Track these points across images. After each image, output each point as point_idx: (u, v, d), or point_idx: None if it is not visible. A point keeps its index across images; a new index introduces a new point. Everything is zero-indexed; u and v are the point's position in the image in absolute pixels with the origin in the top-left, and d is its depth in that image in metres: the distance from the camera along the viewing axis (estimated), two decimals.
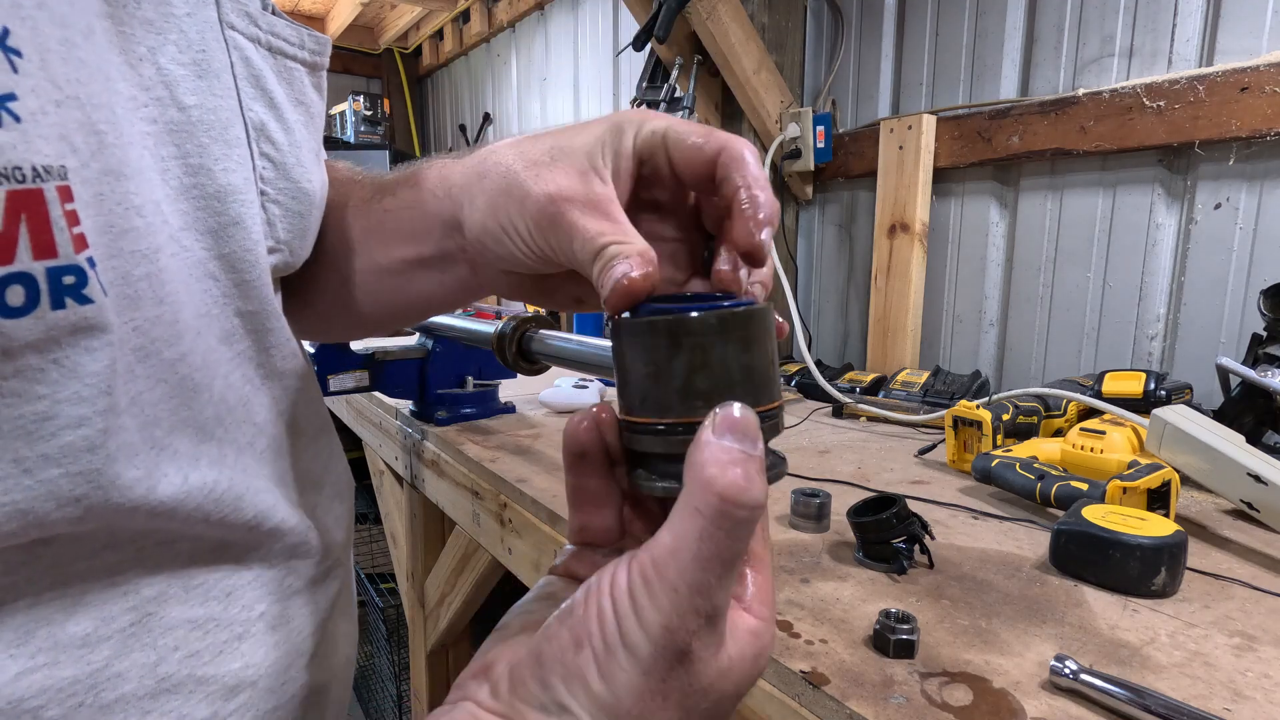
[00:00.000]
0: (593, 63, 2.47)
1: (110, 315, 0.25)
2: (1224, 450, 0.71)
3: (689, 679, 0.24)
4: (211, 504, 0.30)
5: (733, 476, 0.23)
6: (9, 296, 0.22)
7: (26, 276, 0.22)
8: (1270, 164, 0.99)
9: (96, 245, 0.25)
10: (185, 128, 0.30)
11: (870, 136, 1.42)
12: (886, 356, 1.42)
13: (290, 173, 0.36)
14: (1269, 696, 0.45)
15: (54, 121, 0.23)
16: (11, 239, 0.22)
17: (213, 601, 0.32)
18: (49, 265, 0.23)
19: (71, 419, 0.24)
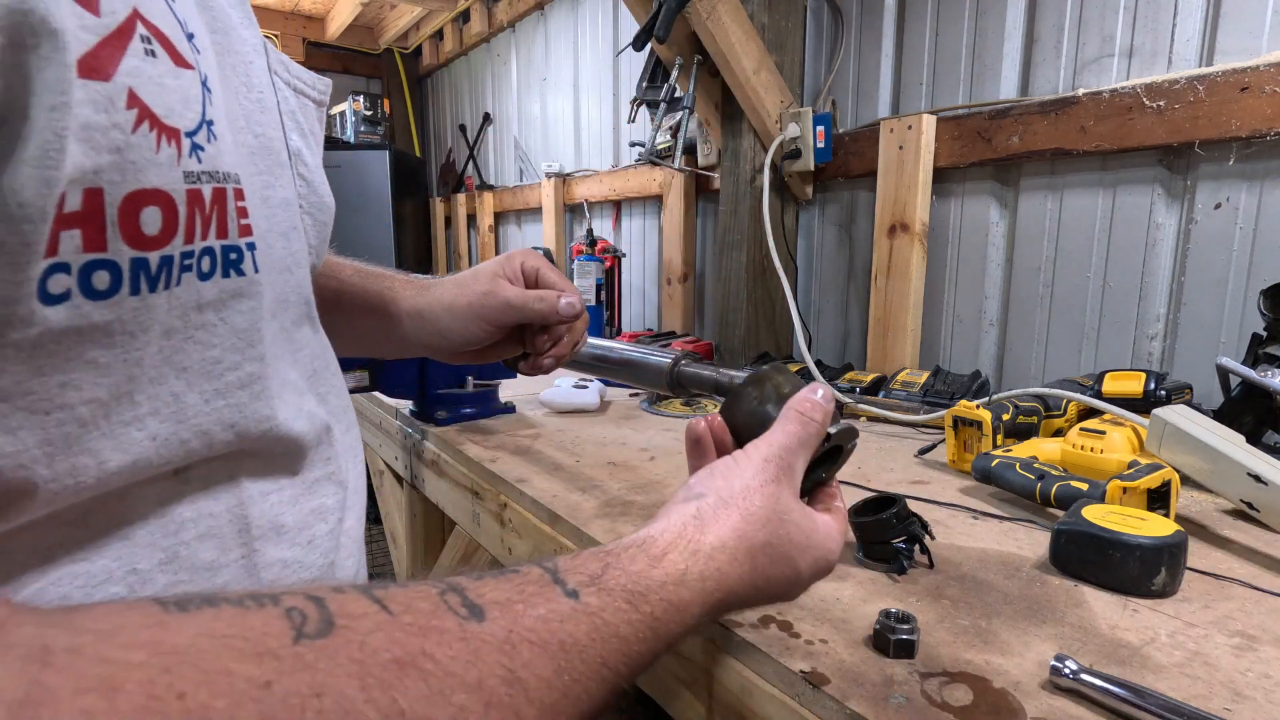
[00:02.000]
0: (593, 63, 2.47)
1: (260, 286, 0.33)
2: (1224, 450, 0.71)
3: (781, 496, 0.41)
4: (314, 433, 0.39)
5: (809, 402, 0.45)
6: (202, 264, 0.30)
7: (212, 250, 0.30)
8: (1270, 164, 0.99)
9: (257, 232, 0.33)
10: (260, 152, 0.37)
11: (870, 136, 1.42)
12: (886, 356, 1.42)
13: (317, 189, 0.44)
14: (1269, 696, 0.45)
15: (231, 141, 0.31)
16: (208, 222, 0.29)
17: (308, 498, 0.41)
18: (223, 244, 0.31)
19: (231, 363, 0.32)
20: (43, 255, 0.24)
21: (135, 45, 0.26)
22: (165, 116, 0.27)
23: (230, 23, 0.36)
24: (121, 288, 0.26)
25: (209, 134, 0.29)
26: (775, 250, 1.45)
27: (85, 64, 0.24)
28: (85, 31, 0.24)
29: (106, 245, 0.26)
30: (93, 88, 0.24)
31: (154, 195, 0.27)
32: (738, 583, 0.38)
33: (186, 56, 0.29)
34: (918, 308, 1.40)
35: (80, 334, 0.26)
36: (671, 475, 0.89)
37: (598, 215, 2.51)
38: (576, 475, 0.89)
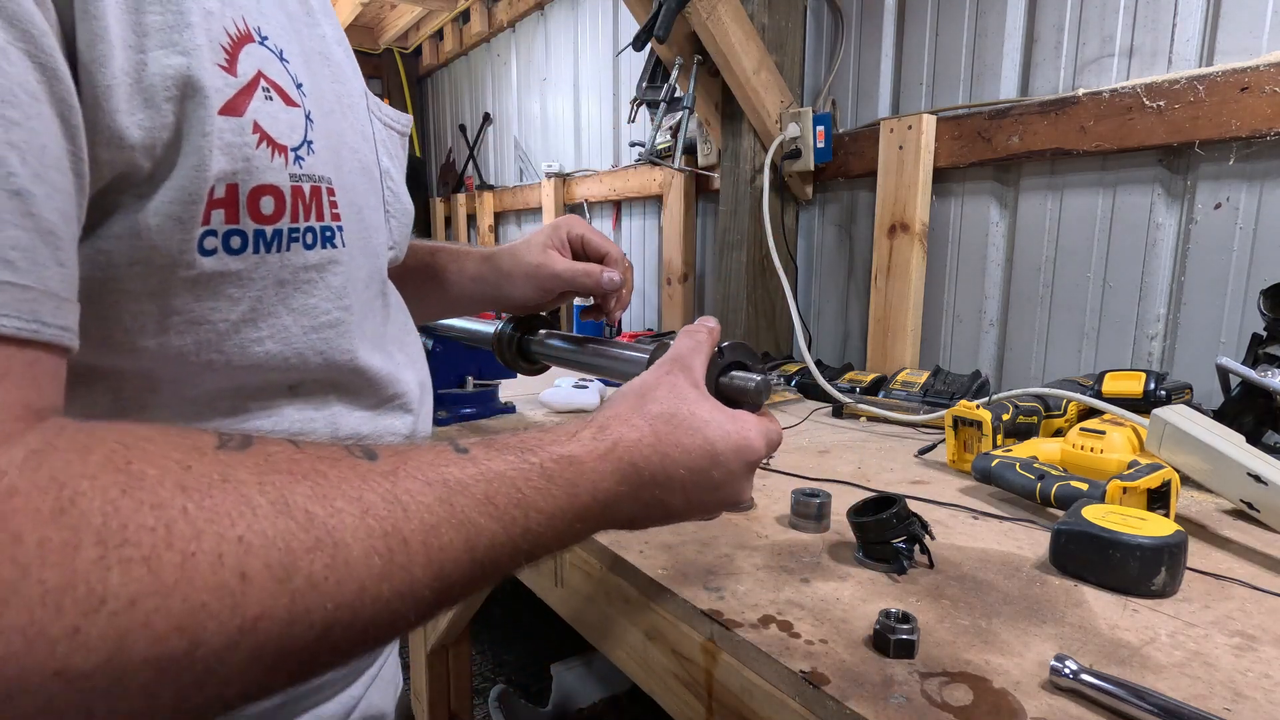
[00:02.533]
0: (593, 63, 2.47)
1: (348, 258, 0.45)
2: (1224, 450, 0.71)
3: (678, 381, 0.48)
4: (386, 371, 0.50)
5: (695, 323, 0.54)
6: (306, 237, 0.42)
7: (313, 229, 0.42)
8: (1270, 164, 0.99)
9: (344, 220, 0.45)
10: (359, 170, 0.49)
11: (870, 136, 1.42)
12: (886, 356, 1.42)
13: (400, 198, 0.58)
14: (1269, 696, 0.45)
15: (328, 157, 0.44)
16: (308, 208, 0.42)
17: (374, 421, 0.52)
18: (320, 225, 0.43)
19: (325, 310, 0.44)
20: (200, 223, 0.37)
21: (259, 93, 0.39)
22: (278, 137, 0.39)
23: (346, 74, 0.50)
24: (247, 248, 0.39)
25: (309, 149, 0.42)
26: (775, 250, 1.45)
27: (226, 108, 0.37)
28: (228, 87, 0.37)
29: (239, 220, 0.38)
30: (231, 121, 0.37)
31: (270, 189, 0.39)
32: (638, 444, 0.44)
33: (294, 99, 0.41)
34: (918, 308, 1.40)
35: (222, 276, 0.39)
36: None
37: (598, 215, 2.51)
38: None
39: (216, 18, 0.36)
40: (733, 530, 0.72)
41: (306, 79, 0.43)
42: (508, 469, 0.37)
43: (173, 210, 0.35)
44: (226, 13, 0.37)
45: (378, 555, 0.31)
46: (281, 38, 0.41)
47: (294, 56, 0.42)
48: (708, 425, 0.46)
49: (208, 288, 0.38)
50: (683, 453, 0.45)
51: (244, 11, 0.39)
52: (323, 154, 0.43)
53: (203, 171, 0.36)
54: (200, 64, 0.35)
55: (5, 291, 0.26)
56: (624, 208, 2.39)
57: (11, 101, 0.26)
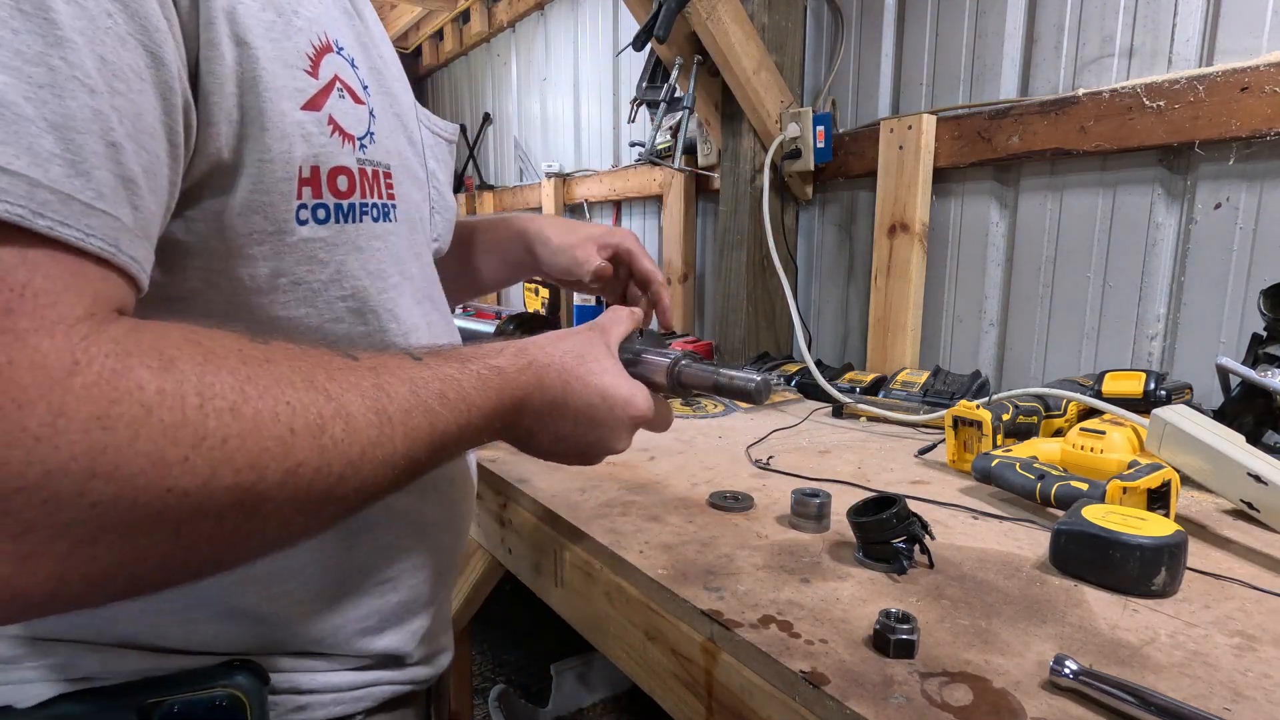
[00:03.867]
0: (593, 63, 2.47)
1: (401, 228, 0.53)
2: (1224, 450, 0.71)
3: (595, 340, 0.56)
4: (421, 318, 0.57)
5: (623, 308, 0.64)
6: (373, 212, 0.50)
7: (379, 205, 0.50)
8: (1270, 164, 0.99)
9: (398, 199, 0.52)
10: (410, 169, 0.57)
11: (870, 136, 1.42)
12: (886, 356, 1.42)
13: (444, 196, 0.67)
14: (1269, 696, 0.45)
15: (385, 149, 0.51)
16: (374, 187, 0.50)
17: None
18: (382, 202, 0.50)
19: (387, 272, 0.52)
20: (295, 197, 0.44)
21: (335, 91, 0.46)
22: (348, 129, 0.47)
23: (398, 89, 0.57)
24: (330, 219, 0.47)
25: (371, 139, 0.49)
26: (775, 250, 1.45)
27: (308, 104, 0.44)
28: (310, 88, 0.45)
29: (323, 195, 0.46)
30: (313, 115, 0.45)
31: (343, 170, 0.47)
32: (547, 367, 0.52)
33: (361, 98, 0.49)
34: (918, 308, 1.40)
35: (313, 241, 0.46)
36: (671, 475, 0.89)
37: (598, 215, 2.51)
38: (576, 475, 0.89)
39: (305, 33, 0.45)
40: (733, 530, 0.72)
41: (371, 83, 0.51)
42: (455, 372, 0.46)
43: (270, 186, 0.43)
44: (314, 29, 0.46)
45: (374, 427, 0.38)
46: (353, 49, 0.50)
47: (361, 65, 0.50)
48: (606, 373, 0.54)
49: (303, 251, 0.46)
50: (581, 386, 0.53)
51: (326, 27, 0.47)
52: (382, 144, 0.51)
53: (290, 156, 0.43)
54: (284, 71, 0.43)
55: (96, 216, 0.32)
56: (624, 208, 2.39)
57: (122, 77, 0.34)
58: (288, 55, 0.43)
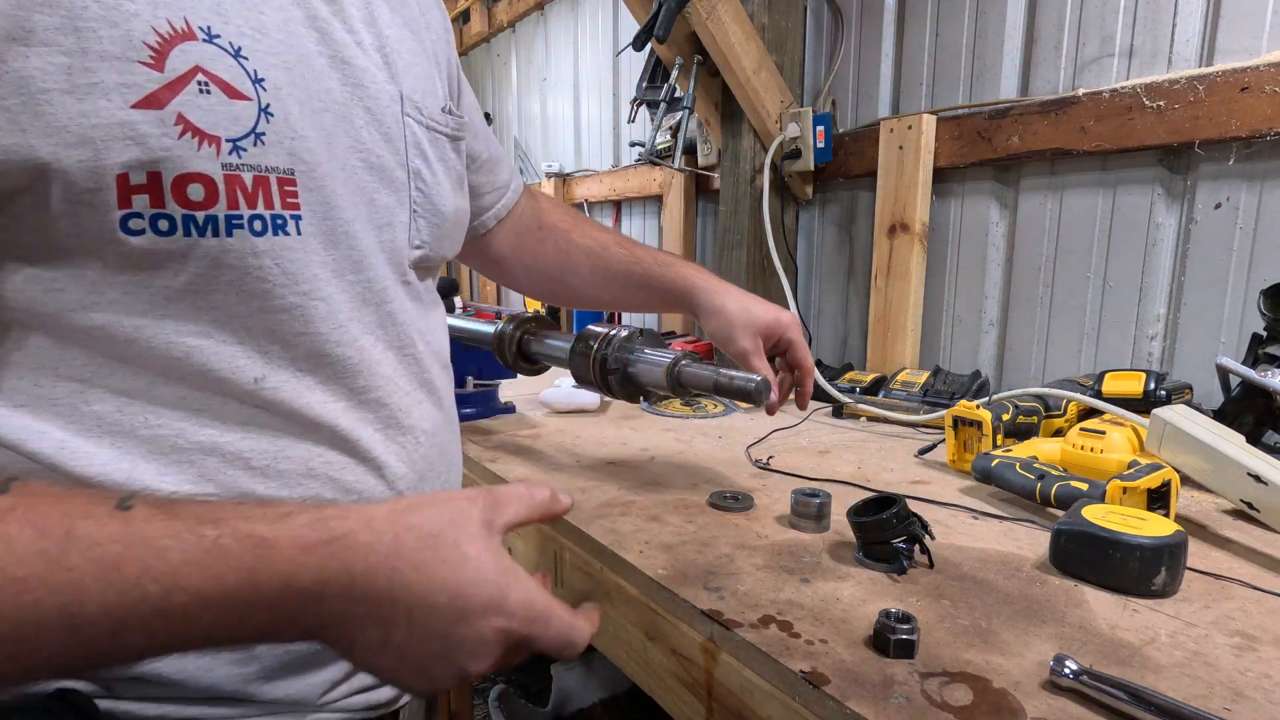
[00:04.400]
0: (593, 63, 2.47)
1: (310, 245, 0.48)
2: (1224, 450, 0.71)
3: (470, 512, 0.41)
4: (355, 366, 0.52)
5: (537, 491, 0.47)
6: (254, 225, 0.44)
7: (263, 216, 0.45)
8: (1270, 164, 0.99)
9: (307, 208, 0.47)
10: (378, 168, 0.54)
11: (870, 136, 1.42)
12: (886, 356, 1.42)
13: (432, 200, 0.59)
14: (1269, 696, 0.45)
15: (285, 148, 0.45)
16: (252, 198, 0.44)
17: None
18: (271, 214, 0.45)
19: (279, 294, 0.46)
20: (116, 207, 0.40)
21: (191, 87, 0.41)
22: (209, 129, 0.42)
23: (368, 78, 0.52)
24: (177, 230, 0.42)
25: (258, 140, 0.44)
26: (775, 250, 1.45)
27: (144, 101, 0.40)
28: (149, 83, 0.40)
29: (165, 204, 0.41)
30: (149, 114, 0.40)
31: (197, 177, 0.42)
32: (368, 548, 0.36)
33: (245, 93, 0.43)
34: (918, 308, 1.40)
35: (155, 254, 0.42)
36: (671, 475, 0.89)
37: (598, 215, 2.51)
38: (576, 475, 0.89)
39: (144, 18, 0.40)
40: (733, 530, 0.72)
41: (281, 76, 0.46)
42: (163, 535, 0.32)
43: (72, 195, 0.39)
44: (159, 13, 0.40)
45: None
46: (246, 35, 0.44)
47: (264, 54, 0.45)
48: (465, 563, 0.38)
49: (144, 262, 0.42)
50: (420, 579, 0.37)
51: (188, 12, 0.42)
52: (281, 145, 0.45)
53: (97, 161, 0.39)
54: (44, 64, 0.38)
55: None
56: (624, 208, 2.39)
57: None
58: (106, 45, 0.38)
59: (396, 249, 0.56)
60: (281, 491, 0.48)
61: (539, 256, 0.89)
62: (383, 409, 0.54)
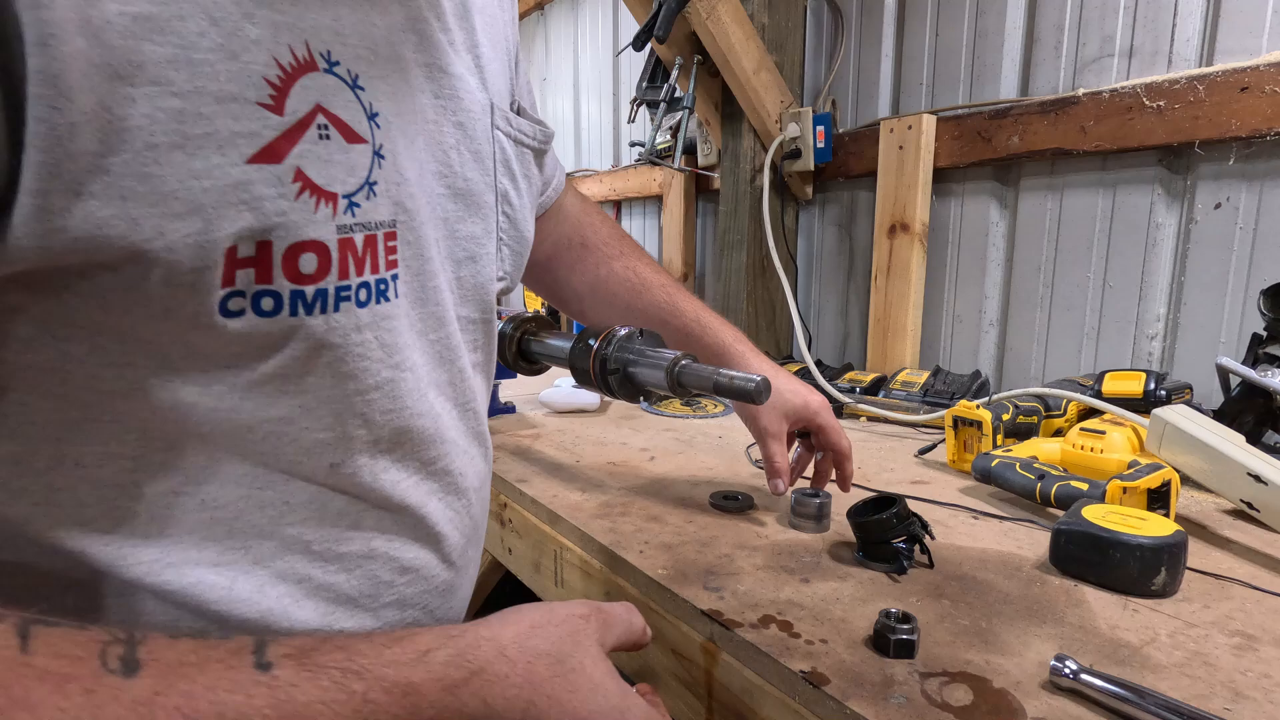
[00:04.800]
0: (593, 63, 2.47)
1: (401, 305, 0.41)
2: (1224, 450, 0.71)
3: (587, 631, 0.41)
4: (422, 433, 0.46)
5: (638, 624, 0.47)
6: (359, 294, 0.38)
7: (368, 284, 0.38)
8: (1270, 164, 0.99)
9: (401, 265, 0.41)
10: (464, 194, 0.47)
11: (870, 136, 1.42)
12: (886, 356, 1.42)
13: (518, 225, 0.54)
14: (1269, 696, 0.45)
15: (391, 194, 0.39)
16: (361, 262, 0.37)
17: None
18: (375, 278, 0.38)
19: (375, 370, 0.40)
20: (220, 286, 0.33)
21: (311, 133, 0.34)
22: (326, 184, 0.35)
23: (463, 88, 0.46)
24: (282, 310, 0.35)
25: (369, 193, 0.37)
26: (775, 250, 1.45)
27: (261, 154, 0.32)
28: (267, 130, 0.32)
29: (272, 279, 0.34)
30: (264, 169, 0.32)
31: (312, 245, 0.35)
32: (503, 680, 0.35)
33: (361, 133, 0.36)
34: (918, 308, 1.40)
35: (252, 338, 0.35)
36: (671, 475, 0.89)
37: None
38: (576, 475, 0.89)
39: (265, 46, 0.32)
40: (733, 530, 0.72)
41: (388, 104, 0.38)
42: (313, 700, 0.30)
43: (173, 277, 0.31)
44: (281, 39, 0.32)
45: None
46: (362, 58, 0.36)
47: (377, 79, 0.37)
48: (595, 690, 0.38)
49: (235, 348, 0.35)
50: (554, 710, 0.37)
51: (309, 34, 0.34)
52: (390, 192, 0.39)
53: (210, 234, 0.31)
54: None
55: None
56: (624, 208, 2.39)
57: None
58: (223, 83, 0.31)
59: (480, 285, 0.50)
60: (338, 576, 0.43)
61: (572, 272, 0.81)
62: (446, 476, 0.49)
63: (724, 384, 0.62)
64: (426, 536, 0.47)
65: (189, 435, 0.36)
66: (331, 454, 0.40)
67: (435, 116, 0.43)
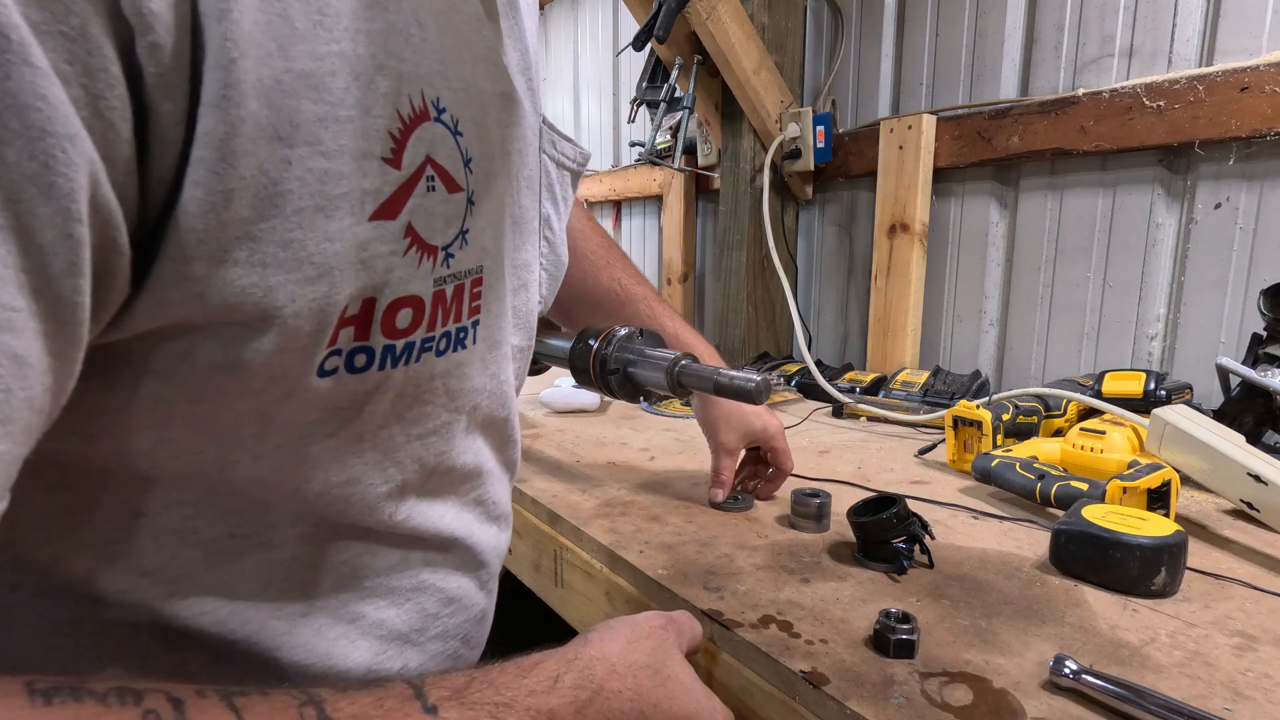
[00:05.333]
0: (593, 63, 2.47)
1: (479, 350, 0.41)
2: (1224, 450, 0.71)
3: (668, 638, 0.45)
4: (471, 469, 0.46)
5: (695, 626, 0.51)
6: (440, 344, 0.37)
7: (449, 333, 0.37)
8: (1270, 164, 0.99)
9: (483, 309, 0.40)
10: (520, 222, 0.46)
11: (870, 136, 1.42)
12: (886, 356, 1.42)
13: (556, 249, 0.54)
14: (1269, 696, 0.45)
15: (478, 241, 0.38)
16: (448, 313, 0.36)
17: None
18: (457, 326, 0.38)
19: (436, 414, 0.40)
20: (326, 346, 0.31)
21: (421, 186, 0.33)
22: (429, 237, 0.34)
23: (523, 112, 0.43)
24: (372, 365, 0.34)
25: (462, 242, 0.36)
26: (775, 250, 1.45)
27: (380, 210, 0.31)
28: (387, 185, 0.31)
29: (370, 337, 0.33)
30: (382, 226, 0.31)
31: (410, 300, 0.34)
32: (619, 695, 0.38)
33: (459, 181, 0.35)
34: (918, 308, 1.40)
35: (337, 397, 0.34)
36: (671, 475, 0.89)
37: (598, 215, 2.51)
38: (576, 475, 0.89)
39: (392, 99, 0.30)
40: (733, 530, 0.72)
41: (477, 146, 0.37)
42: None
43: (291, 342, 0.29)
44: (404, 90, 0.31)
45: None
46: (460, 100, 0.35)
47: (469, 120, 0.36)
48: (689, 694, 0.42)
49: (315, 410, 0.33)
50: (662, 717, 0.40)
51: (425, 83, 0.32)
52: (478, 238, 0.38)
53: (330, 297, 0.30)
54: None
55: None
56: (624, 208, 2.39)
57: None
58: (356, 139, 0.29)
59: (529, 313, 0.49)
60: (389, 611, 0.42)
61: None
62: (488, 504, 0.49)
63: (724, 384, 0.62)
64: (469, 564, 0.48)
65: (253, 504, 0.35)
66: (391, 505, 0.40)
67: (501, 148, 0.41)
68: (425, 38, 0.32)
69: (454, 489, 0.45)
